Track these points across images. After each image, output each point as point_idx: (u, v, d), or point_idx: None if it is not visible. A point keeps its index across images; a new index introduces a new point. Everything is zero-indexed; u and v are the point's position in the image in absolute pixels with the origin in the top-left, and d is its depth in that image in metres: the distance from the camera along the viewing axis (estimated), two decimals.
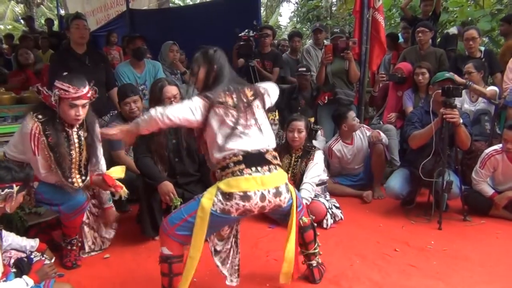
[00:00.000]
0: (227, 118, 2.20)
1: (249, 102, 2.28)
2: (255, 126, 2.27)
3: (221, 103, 2.21)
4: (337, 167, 4.55)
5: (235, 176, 2.17)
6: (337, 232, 3.44)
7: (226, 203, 2.16)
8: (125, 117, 3.76)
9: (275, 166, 2.27)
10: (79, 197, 2.76)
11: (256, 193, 2.17)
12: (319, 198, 3.58)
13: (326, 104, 4.97)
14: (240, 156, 2.19)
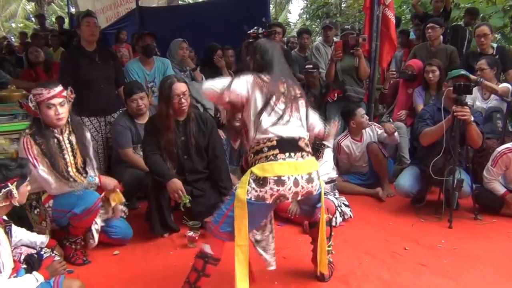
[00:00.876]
0: (275, 103, 2.26)
1: (296, 97, 2.35)
2: (297, 118, 2.32)
3: (272, 86, 2.27)
4: (346, 164, 4.53)
5: (269, 161, 2.20)
6: (346, 230, 3.43)
7: (260, 189, 2.18)
8: (132, 114, 3.77)
9: (307, 153, 2.32)
10: (90, 197, 2.78)
11: (290, 178, 2.20)
12: (328, 196, 3.56)
13: (335, 102, 4.95)
14: (275, 141, 2.23)
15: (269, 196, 2.19)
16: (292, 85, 2.37)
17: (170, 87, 3.17)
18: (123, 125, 3.71)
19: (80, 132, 3.00)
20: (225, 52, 5.36)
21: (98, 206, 2.81)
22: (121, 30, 7.60)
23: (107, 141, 4.08)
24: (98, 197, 2.82)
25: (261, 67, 2.37)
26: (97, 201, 2.80)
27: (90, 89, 3.88)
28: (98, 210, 2.86)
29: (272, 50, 2.39)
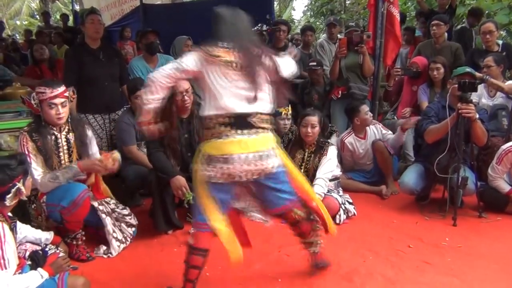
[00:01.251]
0: (226, 75, 2.18)
1: (253, 66, 2.22)
2: (253, 90, 2.21)
3: (215, 55, 2.18)
4: (350, 162, 4.52)
5: (220, 138, 2.16)
6: (350, 227, 3.43)
7: (212, 168, 2.16)
8: (136, 111, 3.77)
9: (263, 130, 2.23)
10: (76, 189, 2.79)
11: (240, 156, 2.15)
12: (332, 194, 3.56)
13: (339, 99, 4.94)
14: (227, 118, 2.17)
15: (220, 175, 2.16)
16: (250, 54, 2.23)
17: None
18: (127, 122, 3.71)
19: (80, 130, 3.03)
20: None
21: (84, 197, 2.78)
22: (125, 28, 7.60)
23: (111, 139, 4.08)
24: (83, 188, 2.81)
25: (219, 37, 2.27)
26: (81, 193, 2.78)
27: (94, 86, 3.89)
28: (87, 203, 2.82)
29: (231, 19, 2.29)
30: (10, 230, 2.20)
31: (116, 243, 3.02)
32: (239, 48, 2.22)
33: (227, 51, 2.21)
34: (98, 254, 2.99)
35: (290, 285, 2.56)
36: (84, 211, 2.84)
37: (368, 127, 4.39)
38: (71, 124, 2.99)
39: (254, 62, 2.23)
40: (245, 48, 2.23)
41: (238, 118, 2.18)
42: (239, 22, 2.30)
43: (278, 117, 4.28)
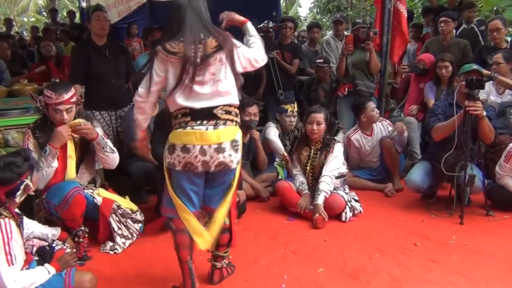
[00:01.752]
0: (185, 73, 2.15)
1: (206, 54, 2.16)
2: (211, 82, 2.18)
3: (173, 53, 2.15)
4: (356, 159, 4.51)
5: (180, 128, 2.20)
6: (356, 225, 3.42)
7: (171, 156, 2.22)
8: None
9: (224, 121, 2.22)
10: (66, 187, 2.79)
11: (195, 147, 2.17)
12: (338, 191, 3.56)
13: (346, 96, 4.93)
14: (188, 109, 2.19)
15: (177, 163, 2.21)
16: (202, 41, 2.17)
17: None
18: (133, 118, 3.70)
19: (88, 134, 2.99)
20: None
21: (73, 195, 2.77)
22: (132, 25, 7.62)
23: (117, 135, 4.09)
24: (73, 186, 2.81)
25: (171, 30, 2.23)
26: (71, 190, 2.77)
27: (100, 83, 3.90)
28: (78, 200, 2.80)
29: (183, 7, 2.21)
30: (16, 226, 2.21)
31: (121, 240, 3.03)
32: (191, 41, 2.16)
33: (181, 45, 2.16)
34: (104, 250, 3.00)
35: (295, 282, 2.55)
36: (77, 210, 2.82)
37: (375, 124, 4.37)
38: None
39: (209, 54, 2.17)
40: (197, 40, 2.17)
41: (199, 110, 2.19)
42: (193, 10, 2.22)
43: (284, 114, 4.30)
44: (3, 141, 3.75)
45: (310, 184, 3.67)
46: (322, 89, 5.25)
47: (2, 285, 2.09)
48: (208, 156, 2.19)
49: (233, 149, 2.24)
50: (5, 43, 5.87)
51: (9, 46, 6.11)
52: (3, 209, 2.18)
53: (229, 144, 2.23)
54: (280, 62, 5.31)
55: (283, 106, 4.37)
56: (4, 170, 2.18)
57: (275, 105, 4.89)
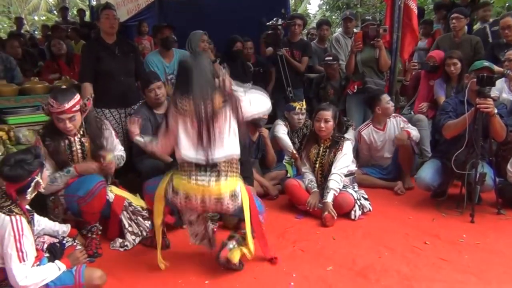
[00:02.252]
0: (186, 126, 2.41)
1: (214, 112, 2.38)
2: (217, 138, 2.40)
3: (182, 109, 2.40)
4: (366, 156, 4.49)
5: (184, 176, 2.45)
6: (365, 223, 3.41)
7: (174, 196, 2.49)
8: (150, 105, 3.79)
9: (226, 174, 2.44)
10: (92, 180, 2.84)
11: (197, 197, 2.43)
12: (347, 189, 3.55)
13: (355, 94, 4.91)
14: (193, 163, 2.43)
15: (179, 204, 2.51)
16: (210, 97, 2.39)
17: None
18: (142, 116, 3.72)
19: (96, 132, 3.06)
20: (244, 44, 5.35)
21: (99, 188, 2.83)
22: (142, 23, 7.63)
23: (127, 133, 4.10)
24: (99, 180, 2.86)
25: (181, 89, 2.46)
26: (98, 183, 2.83)
27: (110, 81, 3.92)
28: (102, 194, 2.87)
29: (192, 69, 2.43)
30: (28, 223, 2.24)
31: (131, 237, 3.05)
32: (200, 98, 2.38)
33: (191, 103, 2.39)
34: (114, 247, 3.02)
35: (304, 280, 2.55)
36: (99, 203, 2.88)
37: (389, 119, 4.34)
38: (86, 127, 3.02)
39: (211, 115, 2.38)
40: (203, 100, 2.38)
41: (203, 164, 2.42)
42: (201, 71, 2.44)
43: (292, 112, 4.29)
44: (14, 139, 3.79)
45: (319, 182, 3.67)
46: (331, 86, 5.23)
47: (14, 281, 2.12)
48: (207, 203, 2.46)
49: (232, 199, 2.47)
50: (16, 41, 5.93)
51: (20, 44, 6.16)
52: (14, 206, 2.21)
53: (229, 195, 2.46)
54: (289, 60, 5.30)
55: (291, 103, 4.37)
56: (15, 167, 2.20)
57: (284, 103, 4.88)
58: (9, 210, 2.17)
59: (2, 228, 2.13)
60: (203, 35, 4.82)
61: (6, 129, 3.75)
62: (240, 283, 2.54)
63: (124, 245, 3.03)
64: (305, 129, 4.39)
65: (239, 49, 5.20)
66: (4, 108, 4.00)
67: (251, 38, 5.56)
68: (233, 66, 5.10)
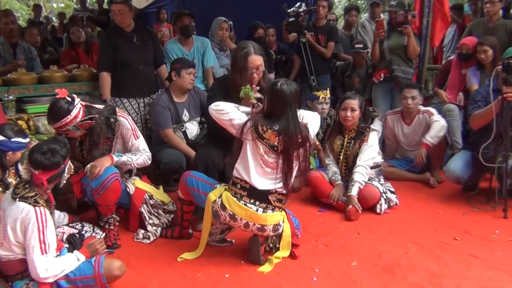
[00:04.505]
0: (260, 154, 2.55)
1: (289, 151, 2.55)
2: (280, 171, 2.57)
3: (261, 137, 2.54)
4: (392, 144, 4.45)
5: (235, 196, 2.57)
6: (392, 218, 3.37)
7: (220, 210, 2.61)
8: (179, 89, 3.82)
9: (273, 207, 2.59)
10: (105, 172, 2.81)
11: (242, 220, 2.57)
12: (372, 182, 3.52)
13: (381, 82, 4.87)
14: (248, 185, 2.56)
15: (222, 219, 2.64)
16: (290, 138, 2.52)
17: (245, 58, 2.98)
18: (162, 105, 3.75)
19: (98, 131, 2.85)
20: (266, 31, 5.32)
21: (111, 180, 2.81)
22: (161, 9, 7.65)
23: (145, 123, 4.16)
24: (112, 171, 2.83)
25: (269, 112, 2.60)
26: (110, 176, 2.80)
27: (128, 70, 3.97)
28: (115, 186, 2.84)
29: (282, 101, 2.55)
30: (51, 214, 2.28)
31: (153, 228, 3.09)
32: (285, 134, 2.53)
33: (275, 135, 2.54)
34: (138, 239, 3.05)
35: (327, 276, 2.54)
36: (113, 196, 2.88)
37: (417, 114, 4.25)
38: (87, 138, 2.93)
39: (292, 149, 2.55)
40: (290, 136, 2.53)
41: (257, 191, 2.56)
42: (292, 100, 2.57)
43: (315, 101, 4.26)
44: (34, 128, 3.87)
45: (343, 175, 3.64)
46: (357, 75, 5.19)
47: (35, 273, 2.17)
48: (249, 229, 2.62)
49: (274, 230, 2.64)
50: (35, 29, 6.00)
51: (40, 32, 6.24)
52: (39, 197, 2.25)
53: (272, 227, 2.61)
54: (314, 45, 5.24)
55: (314, 93, 4.33)
56: (51, 155, 2.28)
57: (308, 91, 4.85)
58: (34, 201, 2.21)
59: (27, 219, 2.17)
60: (222, 23, 4.81)
61: (26, 118, 3.83)
62: (261, 277, 2.55)
63: (147, 236, 3.06)
64: (329, 119, 4.36)
65: (261, 35, 5.17)
66: (24, 97, 4.07)
67: (273, 24, 5.52)
68: None
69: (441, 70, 5.08)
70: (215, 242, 2.90)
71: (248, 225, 2.58)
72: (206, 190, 2.73)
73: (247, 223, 2.57)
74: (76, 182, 2.95)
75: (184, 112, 3.85)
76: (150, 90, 4.15)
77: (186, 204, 2.93)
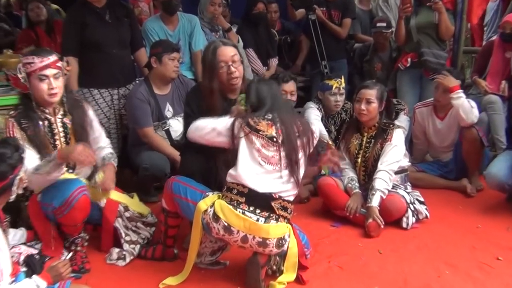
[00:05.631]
0: (258, 149, 2.61)
1: (291, 137, 2.65)
2: (283, 167, 2.62)
3: (258, 131, 2.62)
4: (422, 149, 4.47)
5: (231, 204, 2.57)
6: (421, 233, 3.39)
7: (212, 222, 2.59)
8: (161, 77, 3.85)
9: (277, 217, 2.59)
10: (69, 187, 2.79)
11: (239, 233, 2.55)
12: (397, 190, 3.52)
13: (408, 69, 4.88)
14: (247, 189, 2.57)
15: (214, 233, 2.61)
16: (288, 125, 2.65)
17: (214, 53, 2.95)
18: (140, 97, 3.76)
19: (79, 112, 3.05)
20: (268, 6, 5.32)
21: (77, 197, 2.77)
22: None
23: (121, 119, 4.14)
24: (78, 185, 2.81)
25: (257, 106, 2.72)
26: (75, 191, 2.77)
27: (99, 54, 3.95)
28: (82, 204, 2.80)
29: (270, 86, 2.78)
30: (3, 233, 2.26)
31: (130, 246, 3.08)
32: (281, 122, 2.65)
33: (270, 124, 2.64)
34: (111, 261, 3.03)
35: None
36: (80, 214, 2.84)
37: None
38: (66, 105, 3.03)
39: (294, 136, 2.66)
40: (288, 123, 2.66)
41: (257, 195, 2.57)
42: (278, 94, 2.81)
43: (327, 92, 4.26)
44: None
45: (362, 181, 3.66)
46: (378, 59, 5.20)
47: None
48: (248, 244, 2.59)
49: (277, 246, 2.60)
50: None
51: None
52: None
53: (275, 241, 2.59)
54: (326, 23, 5.25)
55: (326, 81, 4.33)
56: None
57: (319, 80, 4.85)
58: None
59: None
60: None
61: None
62: None
63: (123, 255, 3.04)
64: (344, 114, 4.36)
65: (261, 12, 5.17)
66: None
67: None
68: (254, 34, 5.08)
69: (481, 54, 5.09)
70: (205, 264, 2.90)
71: (247, 239, 2.55)
72: (196, 199, 2.71)
73: (246, 237, 2.55)
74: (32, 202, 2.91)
75: (167, 107, 3.87)
76: (126, 79, 4.15)
77: (171, 217, 2.93)
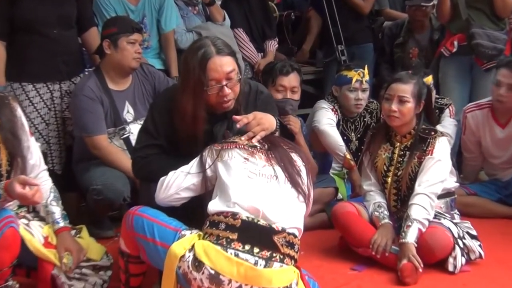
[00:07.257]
0: (244, 159, 2.67)
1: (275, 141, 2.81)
2: (281, 182, 2.67)
3: (233, 142, 2.73)
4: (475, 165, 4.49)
5: (218, 244, 2.50)
6: (473, 278, 3.39)
7: (192, 271, 2.49)
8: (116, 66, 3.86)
9: (281, 257, 2.52)
10: None
11: (232, 283, 2.45)
12: (441, 221, 3.51)
13: (455, 55, 4.91)
14: (239, 221, 2.51)
15: (196, 285, 2.49)
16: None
17: (203, 66, 2.81)
18: (89, 95, 3.75)
19: (7, 113, 3.00)
20: None
21: (3, 231, 2.73)
22: None
23: (63, 124, 4.12)
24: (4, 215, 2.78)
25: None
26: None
27: (34, 37, 3.95)
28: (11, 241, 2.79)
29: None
30: None
31: None
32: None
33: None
34: None
35: None
36: (6, 255, 2.82)
37: None
38: None
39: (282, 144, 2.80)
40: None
41: (254, 228, 2.53)
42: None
43: (345, 87, 4.25)
44: None
45: (393, 209, 3.66)
46: (415, 43, 5.21)
47: None
48: None
49: None
50: None
51: None
52: None
53: None
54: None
55: (344, 72, 4.31)
56: None
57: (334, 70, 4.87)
58: None
59: None
60: None
61: None
62: None
63: None
64: (368, 117, 4.36)
65: None
66: None
67: None
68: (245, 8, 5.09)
69: None
70: None
71: None
72: (167, 239, 2.64)
73: None
74: None
75: (125, 107, 3.89)
76: (71, 70, 4.15)
77: (133, 263, 2.86)
